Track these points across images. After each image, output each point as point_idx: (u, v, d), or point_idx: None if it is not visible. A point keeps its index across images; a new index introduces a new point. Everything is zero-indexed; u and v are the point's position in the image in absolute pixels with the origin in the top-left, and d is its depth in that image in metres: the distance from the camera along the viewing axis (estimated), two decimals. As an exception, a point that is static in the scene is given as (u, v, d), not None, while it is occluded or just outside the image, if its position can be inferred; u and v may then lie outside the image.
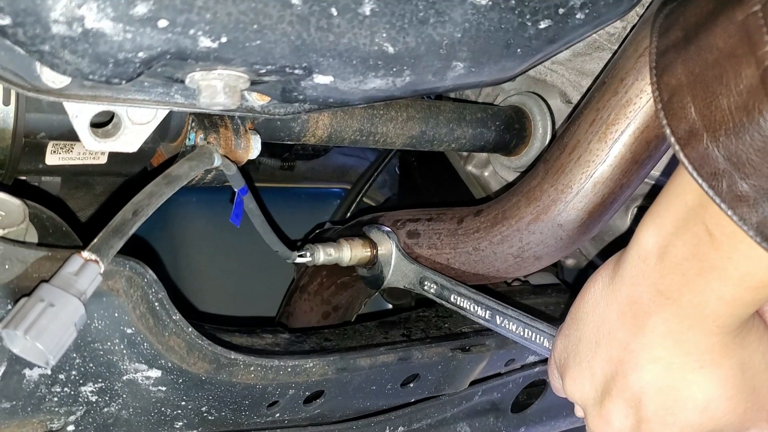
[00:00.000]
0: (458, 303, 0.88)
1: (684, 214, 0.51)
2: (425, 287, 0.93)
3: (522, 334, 0.79)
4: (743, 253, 0.48)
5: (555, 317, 1.10)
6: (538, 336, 0.80)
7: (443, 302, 0.90)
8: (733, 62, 0.44)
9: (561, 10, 0.66)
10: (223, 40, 0.54)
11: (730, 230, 0.47)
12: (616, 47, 0.95)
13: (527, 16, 0.65)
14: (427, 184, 1.42)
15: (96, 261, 0.61)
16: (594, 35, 0.89)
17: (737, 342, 0.54)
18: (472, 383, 1.06)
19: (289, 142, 0.90)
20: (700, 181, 0.47)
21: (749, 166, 0.44)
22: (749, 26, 0.43)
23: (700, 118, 0.47)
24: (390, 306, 1.40)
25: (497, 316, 0.82)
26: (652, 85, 0.51)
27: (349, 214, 1.42)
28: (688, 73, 0.48)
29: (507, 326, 0.81)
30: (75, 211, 0.99)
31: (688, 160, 0.48)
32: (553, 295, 1.21)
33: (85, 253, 0.62)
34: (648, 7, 0.83)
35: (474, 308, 0.85)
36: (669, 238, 0.52)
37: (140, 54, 0.52)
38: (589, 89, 1.02)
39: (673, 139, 0.48)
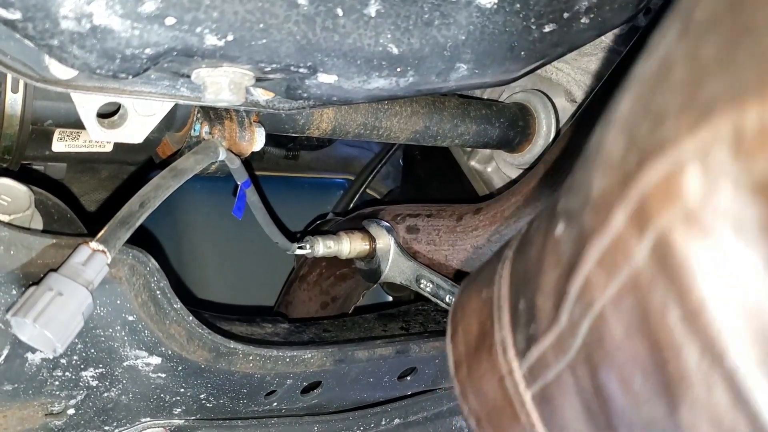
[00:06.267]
0: None
1: None
2: (421, 285, 0.93)
3: None
4: None
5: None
6: None
7: (438, 302, 0.91)
8: (506, 421, 0.45)
9: (566, 15, 0.67)
10: (230, 38, 0.55)
11: None
12: (622, 48, 0.95)
13: (532, 20, 0.65)
14: (429, 178, 1.43)
15: (103, 251, 0.62)
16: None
17: None
18: (469, 377, 1.07)
19: (293, 135, 0.90)
20: None
21: None
22: (506, 392, 0.43)
23: None
24: (390, 298, 1.41)
25: None
26: (461, 399, 0.50)
27: (351, 205, 1.42)
28: (480, 408, 0.48)
29: None
30: (80, 195, 1.00)
31: None
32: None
33: (93, 244, 0.62)
34: (655, 11, 0.83)
35: None
36: None
37: (147, 50, 0.53)
38: (594, 89, 1.02)
39: None
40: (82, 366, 0.72)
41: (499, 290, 0.46)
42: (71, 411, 0.75)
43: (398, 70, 0.63)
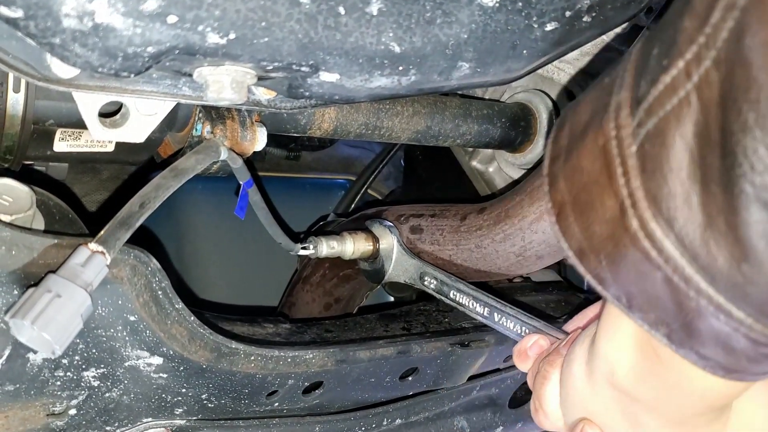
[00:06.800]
0: (457, 299, 0.88)
1: (631, 328, 0.48)
2: (425, 282, 0.93)
3: (519, 332, 0.79)
4: (691, 370, 0.44)
5: (556, 316, 1.11)
6: None
7: (443, 298, 0.91)
8: (597, 190, 0.44)
9: (568, 13, 0.67)
10: (232, 36, 0.55)
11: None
12: (624, 48, 0.95)
13: (534, 18, 0.65)
14: (431, 178, 1.43)
15: (102, 253, 0.62)
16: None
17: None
18: (471, 378, 1.07)
19: (294, 134, 0.90)
20: (606, 295, 0.45)
21: (633, 295, 0.43)
22: (607, 154, 0.43)
23: (584, 239, 0.45)
24: (392, 298, 1.41)
25: (495, 314, 0.83)
26: (546, 194, 0.49)
27: (353, 206, 1.42)
28: (568, 191, 0.47)
29: (505, 324, 0.82)
30: (81, 196, 1.00)
31: (590, 275, 0.46)
32: (555, 292, 1.21)
33: (92, 245, 0.62)
34: (657, 10, 0.83)
35: (473, 305, 0.86)
36: (627, 352, 0.50)
37: (149, 49, 0.53)
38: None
39: (570, 253, 0.47)
40: (84, 366, 0.72)
41: (625, 64, 0.44)
42: (73, 411, 0.75)
43: (400, 68, 0.63)
